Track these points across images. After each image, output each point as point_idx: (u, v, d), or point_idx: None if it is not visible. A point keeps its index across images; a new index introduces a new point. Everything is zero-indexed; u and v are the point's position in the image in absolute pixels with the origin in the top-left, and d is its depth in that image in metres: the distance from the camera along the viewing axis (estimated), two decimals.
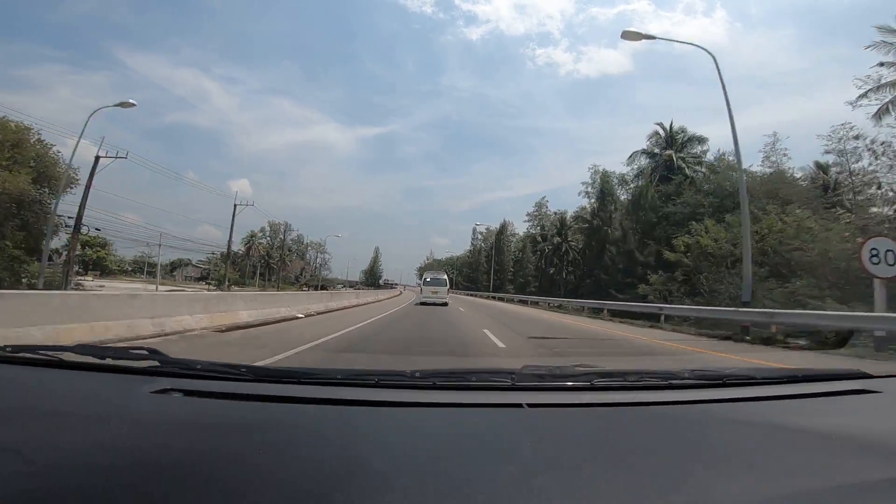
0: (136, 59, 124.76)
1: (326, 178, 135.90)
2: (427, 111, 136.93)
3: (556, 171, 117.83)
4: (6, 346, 1.35)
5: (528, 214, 58.08)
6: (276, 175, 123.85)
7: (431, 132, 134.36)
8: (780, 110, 75.02)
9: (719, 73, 12.54)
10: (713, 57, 12.81)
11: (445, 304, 22.08)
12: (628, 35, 14.46)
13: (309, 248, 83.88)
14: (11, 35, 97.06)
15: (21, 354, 1.32)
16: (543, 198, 62.77)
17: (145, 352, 1.32)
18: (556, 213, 51.63)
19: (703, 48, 13.67)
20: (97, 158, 25.13)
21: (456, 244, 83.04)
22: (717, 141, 32.36)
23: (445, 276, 26.15)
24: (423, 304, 22.21)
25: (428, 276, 25.86)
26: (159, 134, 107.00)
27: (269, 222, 75.44)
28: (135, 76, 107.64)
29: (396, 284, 70.03)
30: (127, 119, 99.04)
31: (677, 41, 44.61)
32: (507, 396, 1.18)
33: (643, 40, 14.68)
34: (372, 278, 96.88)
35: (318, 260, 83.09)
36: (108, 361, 1.29)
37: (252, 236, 67.90)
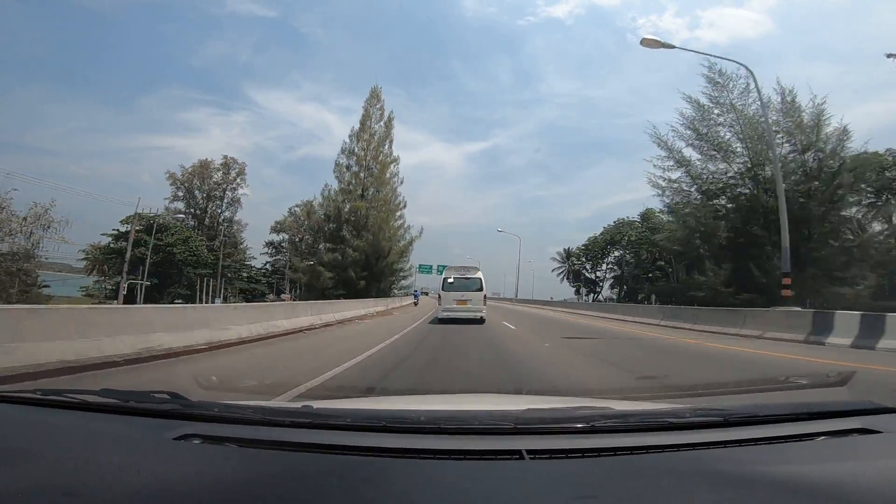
0: (265, 97, 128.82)
1: (440, 197, 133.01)
2: (529, 119, 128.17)
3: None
4: (37, 390, 1.45)
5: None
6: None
7: (536, 141, 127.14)
8: None
9: None
10: None
11: (482, 321, 14.85)
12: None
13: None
14: (168, 82, 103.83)
15: (50, 398, 1.40)
16: None
17: (167, 395, 1.40)
18: None
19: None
20: None
21: None
22: None
23: (480, 275, 16.52)
24: (442, 321, 15.14)
25: (450, 276, 16.42)
26: (295, 167, 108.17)
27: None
28: (267, 114, 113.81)
29: (416, 291, 41.51)
30: (270, 156, 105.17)
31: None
32: (508, 442, 1.20)
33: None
34: (373, 274, 31.68)
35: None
36: (132, 404, 1.35)
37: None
